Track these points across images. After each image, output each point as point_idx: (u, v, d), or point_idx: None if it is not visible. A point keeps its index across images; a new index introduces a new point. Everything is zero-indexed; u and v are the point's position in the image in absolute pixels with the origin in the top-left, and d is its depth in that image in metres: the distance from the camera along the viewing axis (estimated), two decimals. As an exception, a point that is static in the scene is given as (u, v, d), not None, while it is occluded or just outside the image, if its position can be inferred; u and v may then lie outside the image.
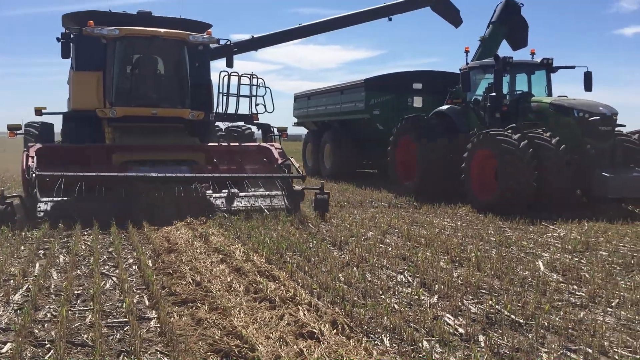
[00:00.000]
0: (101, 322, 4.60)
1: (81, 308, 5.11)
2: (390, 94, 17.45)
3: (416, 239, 8.43)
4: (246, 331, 4.16)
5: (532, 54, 13.90)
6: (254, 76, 13.06)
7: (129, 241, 8.05)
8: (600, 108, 11.62)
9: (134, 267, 6.64)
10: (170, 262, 6.58)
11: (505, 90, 13.07)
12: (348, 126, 18.77)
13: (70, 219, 8.91)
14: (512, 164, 10.93)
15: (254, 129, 14.03)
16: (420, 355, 4.06)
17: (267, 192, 10.73)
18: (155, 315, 4.86)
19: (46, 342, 4.28)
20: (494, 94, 12.84)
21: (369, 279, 6.13)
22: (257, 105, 12.95)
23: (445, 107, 14.23)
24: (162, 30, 11.74)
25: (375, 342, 4.30)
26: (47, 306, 5.12)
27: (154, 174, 9.81)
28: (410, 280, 6.14)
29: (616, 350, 4.20)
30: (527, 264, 6.88)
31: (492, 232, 9.21)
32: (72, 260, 6.75)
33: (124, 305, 5.07)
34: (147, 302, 5.27)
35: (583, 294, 5.67)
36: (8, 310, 5.06)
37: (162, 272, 6.27)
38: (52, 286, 5.80)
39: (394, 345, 4.28)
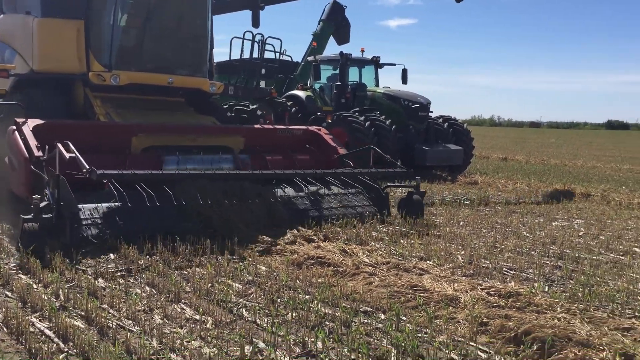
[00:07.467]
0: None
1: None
2: (240, 76, 19.76)
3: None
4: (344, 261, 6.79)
5: (362, 52, 17.57)
6: (272, 39, 10.79)
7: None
8: (419, 98, 15.81)
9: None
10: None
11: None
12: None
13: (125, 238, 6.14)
14: (360, 140, 14.43)
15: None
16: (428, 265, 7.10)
17: (347, 191, 8.81)
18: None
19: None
20: (339, 83, 16.26)
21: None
22: (278, 77, 10.56)
23: (296, 91, 17.28)
24: None
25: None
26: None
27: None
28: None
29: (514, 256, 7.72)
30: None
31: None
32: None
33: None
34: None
35: (467, 229, 9.16)
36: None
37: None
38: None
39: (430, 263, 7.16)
